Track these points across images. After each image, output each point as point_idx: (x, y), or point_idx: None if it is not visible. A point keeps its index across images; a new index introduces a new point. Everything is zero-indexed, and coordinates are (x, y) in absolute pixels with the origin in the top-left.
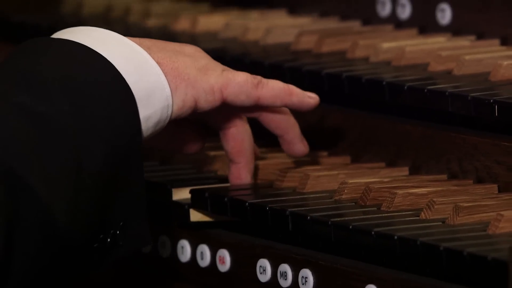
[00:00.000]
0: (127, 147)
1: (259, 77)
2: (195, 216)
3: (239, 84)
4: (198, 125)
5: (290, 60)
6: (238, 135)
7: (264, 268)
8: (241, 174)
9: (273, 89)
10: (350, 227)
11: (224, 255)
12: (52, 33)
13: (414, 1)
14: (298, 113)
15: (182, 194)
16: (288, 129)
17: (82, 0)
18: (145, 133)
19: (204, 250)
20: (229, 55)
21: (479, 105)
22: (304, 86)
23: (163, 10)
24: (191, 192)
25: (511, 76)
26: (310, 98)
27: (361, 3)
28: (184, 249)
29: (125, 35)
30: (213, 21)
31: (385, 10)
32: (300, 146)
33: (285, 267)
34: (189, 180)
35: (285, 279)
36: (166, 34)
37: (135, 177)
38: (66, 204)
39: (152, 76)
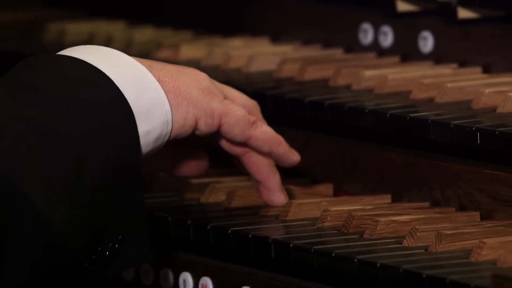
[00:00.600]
0: (126, 161)
1: (254, 118)
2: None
3: (237, 117)
4: (201, 149)
5: (272, 88)
6: (257, 159)
7: None
8: (271, 195)
9: (265, 133)
10: (333, 254)
11: (207, 282)
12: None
13: (396, 29)
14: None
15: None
16: (269, 176)
17: (65, 28)
18: (145, 148)
19: (187, 278)
20: None
21: (461, 133)
22: (287, 113)
23: (146, 38)
24: (172, 220)
25: (493, 104)
26: (293, 155)
27: (343, 31)
28: (167, 277)
29: None
30: (196, 49)
31: (367, 38)
32: (279, 195)
33: None
34: (171, 207)
35: None
36: None
37: (134, 191)
38: (63, 215)
39: (151, 92)
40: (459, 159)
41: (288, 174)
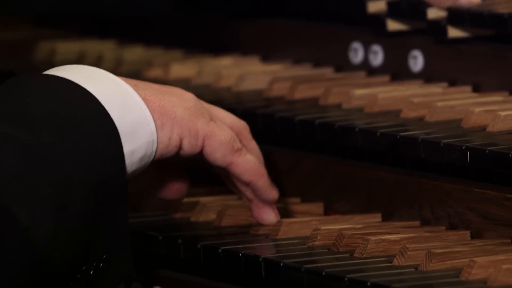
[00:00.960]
0: (111, 180)
1: (240, 145)
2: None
3: (221, 142)
4: (182, 171)
5: (263, 107)
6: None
7: None
8: (262, 214)
9: (248, 162)
10: (323, 273)
11: None
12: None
13: (386, 48)
14: (271, 160)
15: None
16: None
17: (55, 47)
18: (130, 168)
19: None
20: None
21: (452, 152)
22: (277, 132)
23: (136, 57)
24: (162, 238)
25: (483, 123)
26: (272, 192)
27: (333, 50)
28: None
29: None
30: (186, 68)
31: (357, 57)
32: (269, 213)
33: None
34: (162, 226)
35: None
36: None
37: (119, 210)
38: (48, 234)
39: (137, 111)
40: (449, 178)
41: (278, 192)
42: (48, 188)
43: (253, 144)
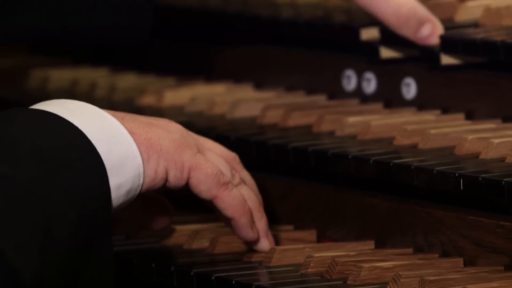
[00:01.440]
0: (97, 215)
1: (228, 179)
2: None
3: (206, 174)
4: (166, 202)
5: (256, 134)
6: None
7: None
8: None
9: (233, 198)
10: None
11: None
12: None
13: (379, 76)
14: (264, 187)
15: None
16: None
17: (48, 75)
18: (117, 202)
19: None
20: (195, 129)
21: (445, 179)
22: (270, 160)
23: (129, 85)
24: (156, 266)
25: (476, 150)
26: (250, 232)
27: (326, 77)
28: None
29: None
30: (179, 95)
31: (350, 84)
32: (263, 240)
33: None
34: (154, 253)
35: None
36: (132, 109)
37: (104, 244)
38: (34, 267)
39: (124, 145)
40: (442, 205)
41: (271, 220)
42: (34, 222)
43: (244, 174)
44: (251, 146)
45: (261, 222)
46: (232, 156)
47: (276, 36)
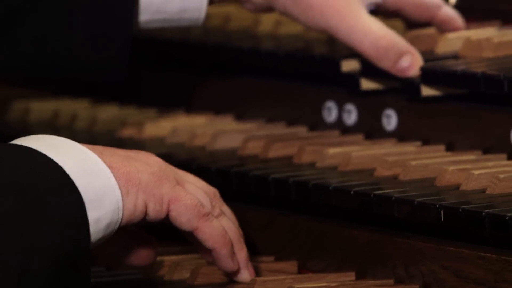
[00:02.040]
0: (76, 249)
1: (208, 210)
2: None
3: (186, 206)
4: (149, 237)
5: (237, 165)
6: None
7: None
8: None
9: (214, 229)
10: None
11: None
12: None
13: (360, 107)
14: (245, 218)
15: None
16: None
17: (29, 106)
18: (96, 236)
19: None
20: (176, 160)
21: (425, 210)
22: (251, 191)
23: (110, 116)
24: None
25: (457, 182)
26: (230, 264)
27: (307, 109)
28: None
29: None
30: (160, 127)
31: (331, 116)
32: (243, 271)
33: None
34: (135, 285)
35: None
36: (113, 141)
37: (82, 278)
38: None
39: (102, 179)
40: (423, 236)
41: (252, 251)
42: (12, 255)
43: (225, 208)
44: (232, 177)
45: (242, 254)
46: (212, 191)
47: (256, 68)
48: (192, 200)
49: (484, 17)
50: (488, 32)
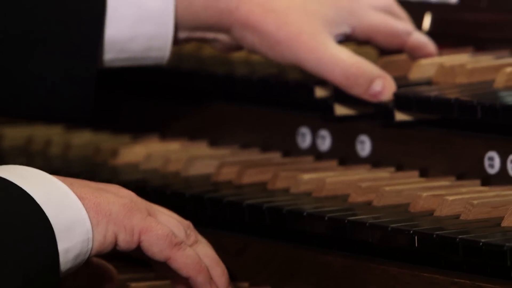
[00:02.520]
0: (45, 278)
1: (181, 239)
2: None
3: (157, 236)
4: (111, 269)
5: (211, 191)
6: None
7: None
8: None
9: (187, 257)
10: None
11: None
12: None
13: (334, 133)
14: (219, 244)
15: None
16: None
17: (3, 132)
18: (65, 266)
19: None
20: (150, 186)
21: (399, 236)
22: (226, 217)
23: (84, 142)
24: None
25: (431, 207)
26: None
27: (281, 135)
28: None
29: (45, 167)
30: (134, 153)
31: (305, 141)
32: None
33: None
34: None
35: None
36: (88, 166)
37: None
38: None
39: (73, 210)
40: (397, 262)
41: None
42: None
43: (200, 238)
44: (206, 203)
45: (222, 279)
46: (186, 224)
47: (230, 94)
48: (163, 230)
49: (457, 43)
50: (461, 58)
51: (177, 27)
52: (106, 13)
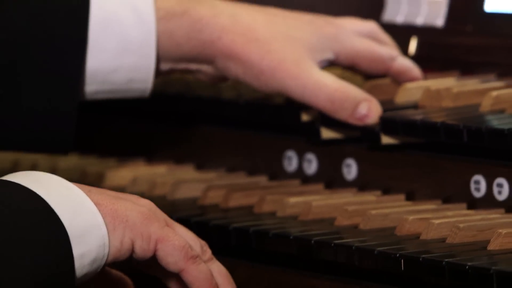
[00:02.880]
0: (60, 283)
1: (197, 253)
2: None
3: (174, 247)
4: (128, 281)
5: (197, 215)
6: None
7: None
8: None
9: (200, 272)
10: None
11: None
12: None
13: (320, 157)
14: None
15: None
16: None
17: None
18: (81, 271)
19: None
20: None
21: (385, 260)
22: (212, 240)
23: (70, 166)
24: None
25: (417, 231)
26: None
27: (268, 158)
28: None
29: None
30: (120, 176)
31: (291, 165)
32: None
33: None
34: None
35: None
36: None
37: None
38: None
39: (88, 215)
40: (383, 285)
41: None
42: None
43: (213, 262)
44: (192, 227)
45: None
46: (203, 242)
47: (217, 117)
48: (180, 241)
49: (443, 67)
50: (447, 82)
51: (159, 59)
52: (87, 44)
